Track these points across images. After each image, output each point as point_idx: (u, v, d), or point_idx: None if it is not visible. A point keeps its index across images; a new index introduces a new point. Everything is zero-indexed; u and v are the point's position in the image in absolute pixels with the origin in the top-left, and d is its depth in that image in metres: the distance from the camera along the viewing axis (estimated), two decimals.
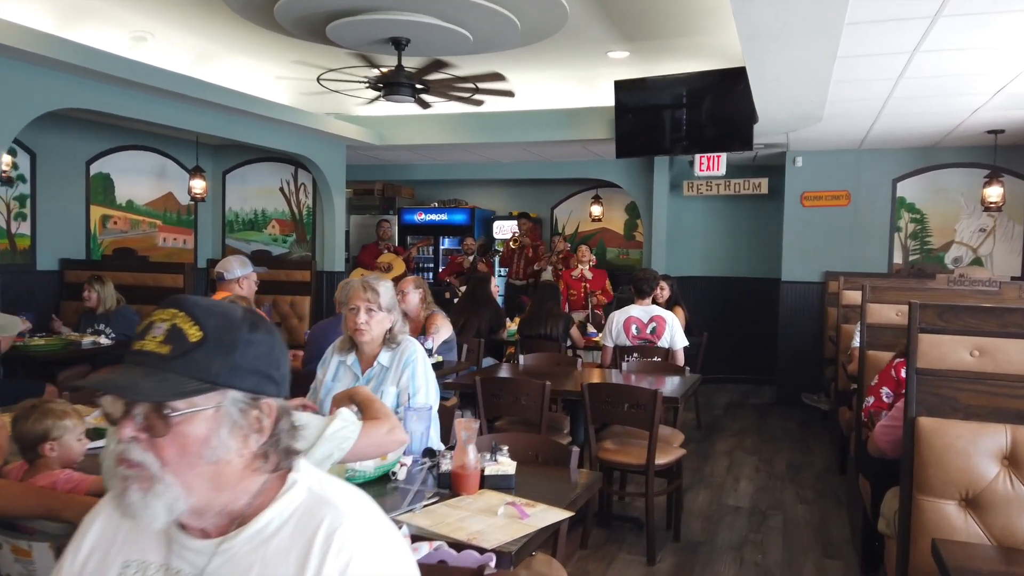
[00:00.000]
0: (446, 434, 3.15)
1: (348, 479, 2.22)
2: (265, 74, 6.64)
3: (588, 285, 7.71)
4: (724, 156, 7.76)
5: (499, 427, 4.24)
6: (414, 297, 5.07)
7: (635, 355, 5.39)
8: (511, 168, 9.15)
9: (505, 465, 2.31)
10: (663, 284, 6.54)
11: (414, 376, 2.77)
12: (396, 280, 8.52)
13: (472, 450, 2.21)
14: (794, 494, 4.94)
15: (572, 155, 8.41)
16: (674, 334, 5.37)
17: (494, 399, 3.98)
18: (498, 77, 4.86)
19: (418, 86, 5.08)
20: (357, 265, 8.77)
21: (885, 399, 3.59)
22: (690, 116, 6.41)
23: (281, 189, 7.80)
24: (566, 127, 7.15)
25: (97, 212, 6.99)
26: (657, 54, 5.93)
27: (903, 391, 3.50)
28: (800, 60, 4.18)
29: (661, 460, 3.86)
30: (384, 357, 2.85)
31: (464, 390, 4.32)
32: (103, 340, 5.44)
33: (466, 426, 2.22)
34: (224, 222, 8.05)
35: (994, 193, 6.55)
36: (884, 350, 4.22)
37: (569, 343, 5.87)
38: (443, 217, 10.08)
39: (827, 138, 7.02)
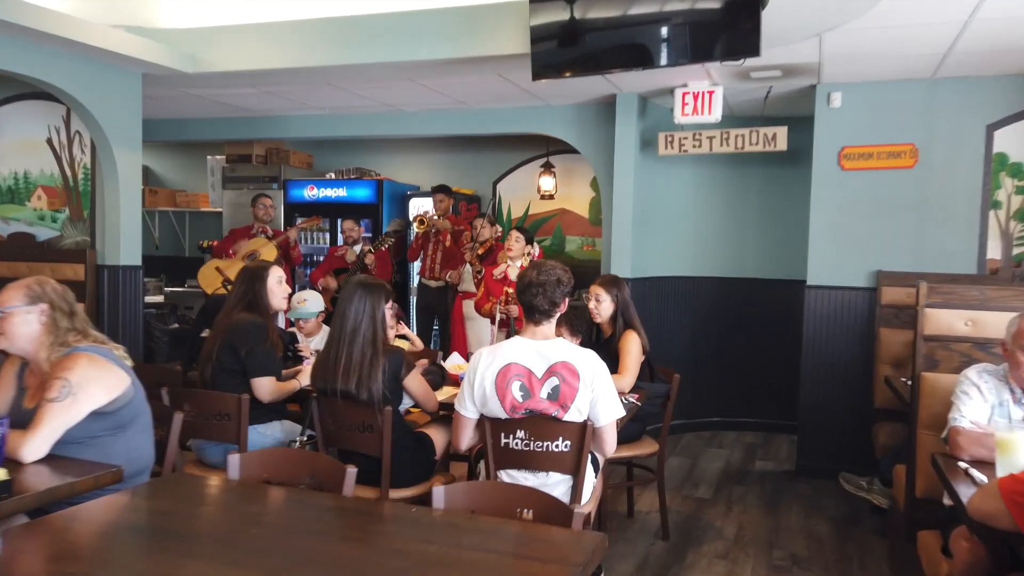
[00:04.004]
0: None
1: None
2: None
3: (511, 291, 5.03)
4: (719, 91, 5.05)
5: None
6: (25, 322, 2.41)
7: (520, 436, 2.72)
8: (422, 121, 6.46)
9: None
10: (598, 292, 3.85)
11: None
12: None
13: None
14: None
15: (493, 95, 5.70)
16: (597, 398, 2.68)
17: None
18: None
19: None
20: (214, 255, 6.18)
21: None
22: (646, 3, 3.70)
23: (49, 140, 5.19)
24: (459, 36, 4.44)
25: None
26: None
27: None
28: None
29: None
30: None
31: None
32: None
33: None
34: None
35: None
36: None
37: (409, 406, 3.17)
38: (341, 192, 7.40)
39: (882, 59, 4.30)
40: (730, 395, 6.15)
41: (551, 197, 7.39)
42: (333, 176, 7.59)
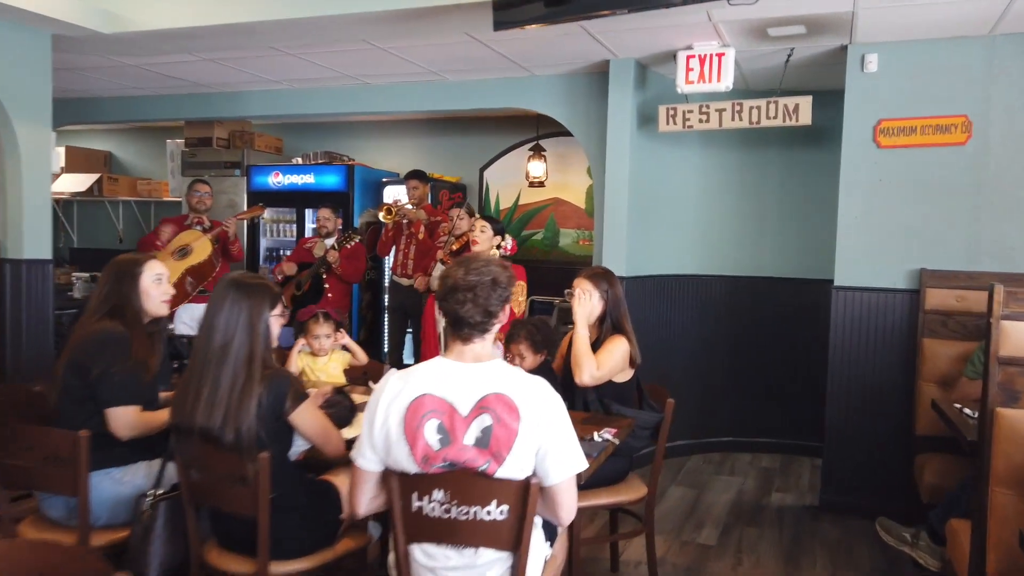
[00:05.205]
0: None
1: None
2: None
3: None
4: (730, 54, 4.24)
5: None
6: None
7: (438, 498, 1.94)
8: (392, 96, 5.67)
9: None
10: (584, 286, 3.06)
11: None
12: (196, 271, 5.19)
13: None
14: None
15: (468, 62, 4.91)
16: (548, 446, 1.91)
17: None
18: None
19: None
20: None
21: None
22: None
23: None
24: None
25: None
26: None
27: None
28: None
29: None
30: None
31: None
32: None
33: None
34: None
35: None
36: None
37: (297, 451, 2.39)
38: (308, 179, 6.65)
39: (930, 8, 3.47)
40: (743, 412, 5.33)
41: (542, 184, 6.61)
42: (300, 161, 6.83)
